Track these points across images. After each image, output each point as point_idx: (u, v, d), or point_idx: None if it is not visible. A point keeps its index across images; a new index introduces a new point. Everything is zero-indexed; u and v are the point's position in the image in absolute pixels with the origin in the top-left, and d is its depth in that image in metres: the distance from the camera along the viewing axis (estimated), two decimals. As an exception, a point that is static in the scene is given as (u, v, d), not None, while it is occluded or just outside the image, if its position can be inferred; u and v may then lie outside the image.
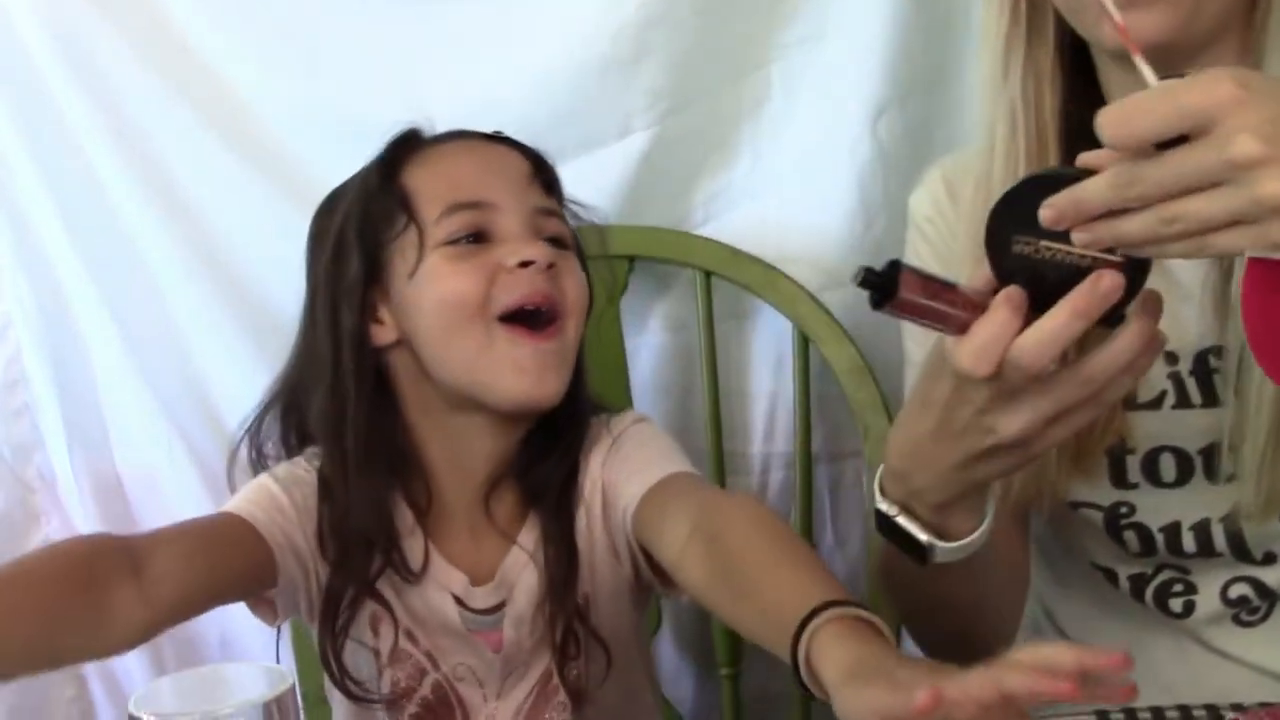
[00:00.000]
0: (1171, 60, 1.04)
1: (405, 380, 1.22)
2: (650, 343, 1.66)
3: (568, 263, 1.21)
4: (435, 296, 1.17)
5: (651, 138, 1.60)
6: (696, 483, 1.17)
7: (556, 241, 1.21)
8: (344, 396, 1.20)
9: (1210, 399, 1.14)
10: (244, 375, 1.65)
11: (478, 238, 1.18)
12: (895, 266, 0.90)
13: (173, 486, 1.72)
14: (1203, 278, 1.13)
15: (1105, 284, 0.86)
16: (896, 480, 1.03)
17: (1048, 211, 0.84)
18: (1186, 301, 1.14)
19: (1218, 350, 1.12)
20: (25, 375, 1.73)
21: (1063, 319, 0.87)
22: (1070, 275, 0.87)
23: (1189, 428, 1.15)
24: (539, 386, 1.16)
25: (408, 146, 1.24)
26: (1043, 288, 0.89)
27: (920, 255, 1.29)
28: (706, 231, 1.62)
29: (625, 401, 1.59)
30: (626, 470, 1.19)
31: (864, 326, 1.51)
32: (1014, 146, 1.15)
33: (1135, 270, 0.87)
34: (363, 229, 1.20)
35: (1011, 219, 0.89)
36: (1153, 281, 0.88)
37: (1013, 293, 0.89)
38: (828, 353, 1.53)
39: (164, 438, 1.71)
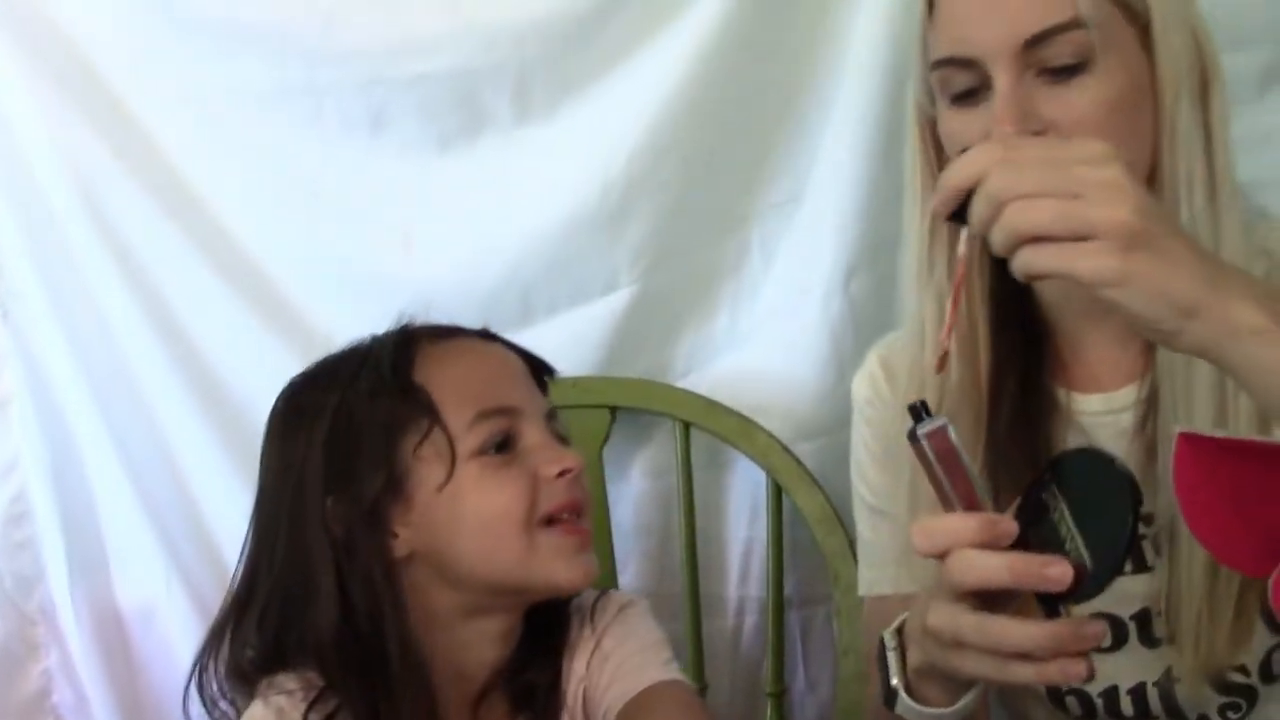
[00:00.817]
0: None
1: (416, 594, 1.18)
2: (632, 489, 1.72)
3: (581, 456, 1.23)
4: (478, 510, 1.16)
5: (635, 293, 1.66)
6: (675, 710, 1.19)
7: (561, 440, 1.23)
8: (364, 624, 1.15)
9: (1141, 565, 1.18)
10: (242, 513, 1.70)
11: (504, 444, 1.18)
12: (944, 426, 0.94)
13: (171, 620, 1.76)
14: (1125, 449, 1.17)
15: (1053, 569, 0.88)
16: (915, 615, 1.02)
17: None
18: None
19: (1146, 518, 1.15)
20: (31, 509, 1.77)
21: (998, 562, 0.90)
22: (1051, 545, 0.91)
23: (1122, 594, 1.18)
24: (587, 574, 1.20)
25: (412, 342, 1.22)
26: (1031, 538, 0.91)
27: (864, 437, 1.34)
28: (687, 382, 1.68)
29: (607, 547, 1.64)
30: (606, 674, 1.21)
31: (834, 477, 1.55)
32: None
33: (1087, 586, 0.89)
34: (379, 438, 1.17)
35: (1063, 474, 0.94)
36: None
37: (1001, 521, 0.91)
38: (799, 501, 1.58)
39: (163, 573, 1.76)
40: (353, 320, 1.58)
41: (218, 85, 1.71)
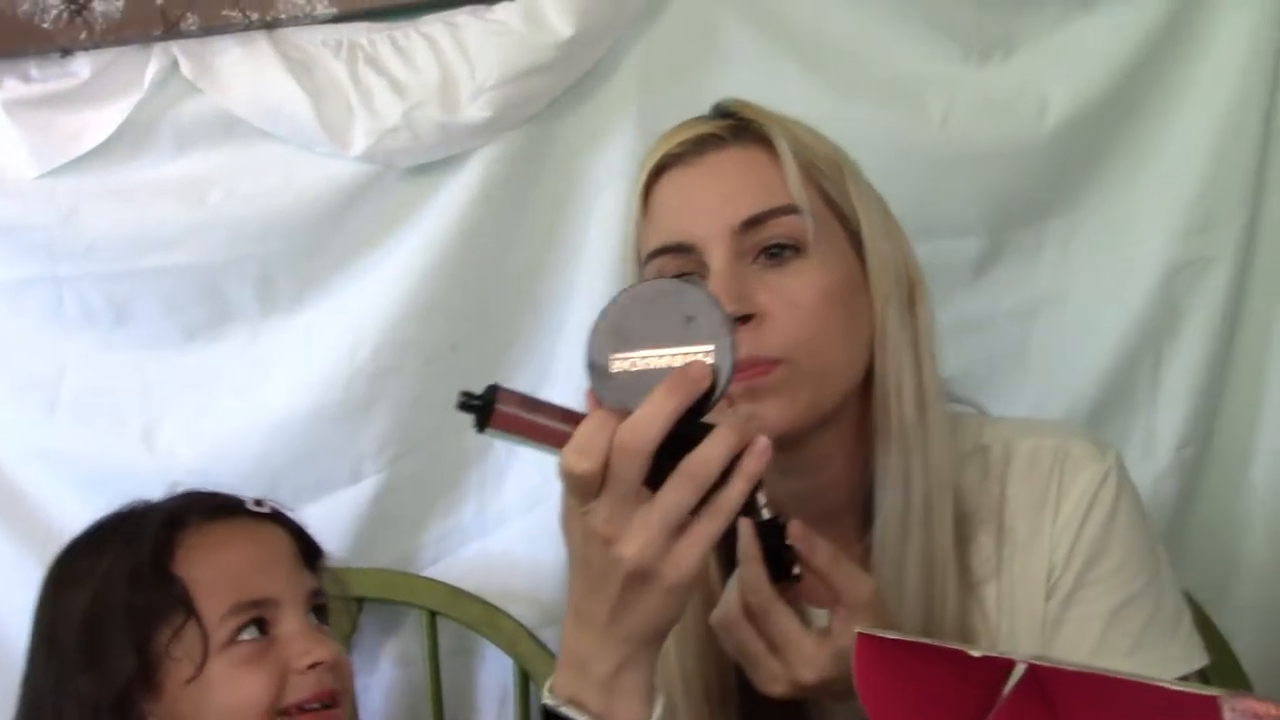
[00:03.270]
0: (799, 439, 1.14)
1: None
2: (381, 680, 1.70)
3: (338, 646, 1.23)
4: (224, 703, 1.16)
5: (381, 482, 1.67)
6: None
7: (321, 610, 1.24)
8: None
9: None
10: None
11: (260, 632, 1.18)
12: (494, 387, 0.94)
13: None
14: None
15: (694, 368, 0.90)
16: (566, 667, 0.98)
17: None
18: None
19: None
20: None
21: (658, 397, 0.89)
22: (650, 381, 0.91)
23: None
24: None
25: (178, 524, 1.22)
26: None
27: None
28: (435, 571, 1.68)
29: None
30: None
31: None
32: None
33: (723, 363, 0.91)
34: (133, 626, 1.16)
35: (608, 339, 0.94)
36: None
37: (611, 405, 0.92)
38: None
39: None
40: (93, 517, 1.56)
41: (-46, 276, 1.69)
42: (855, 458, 1.19)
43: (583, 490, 0.92)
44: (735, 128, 1.18)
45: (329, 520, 1.64)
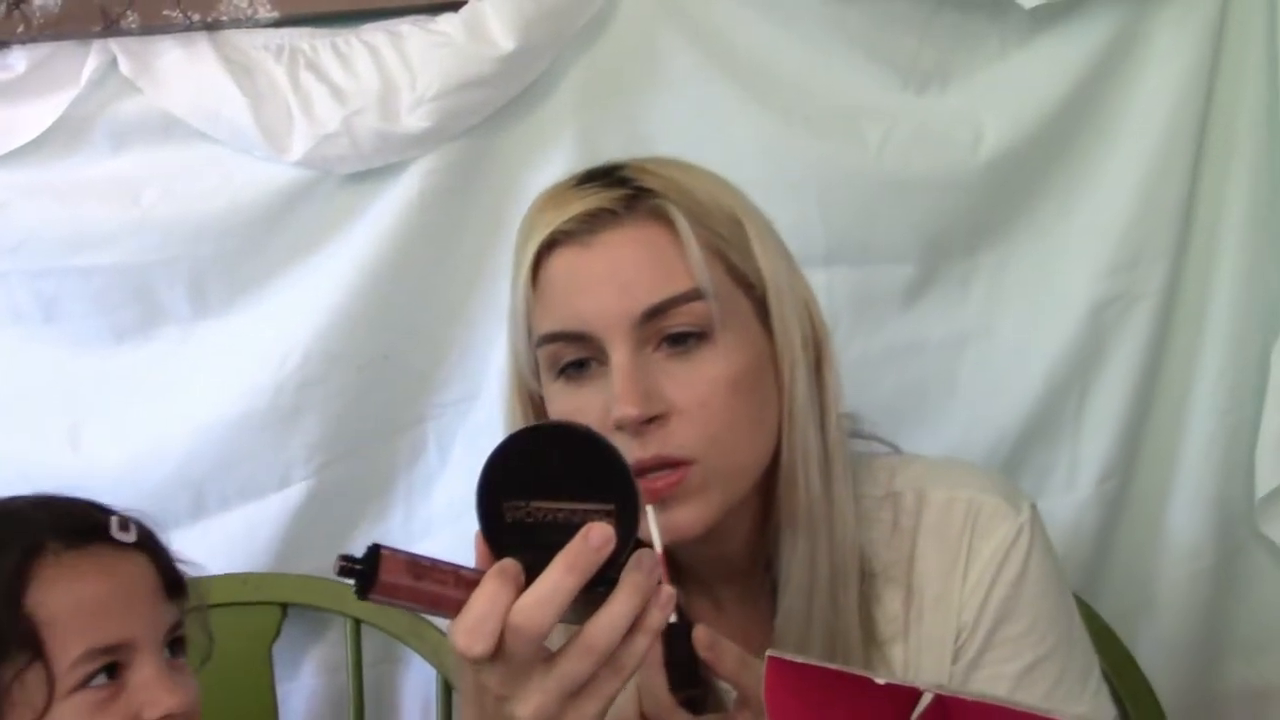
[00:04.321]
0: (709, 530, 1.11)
1: None
2: (304, 686, 1.69)
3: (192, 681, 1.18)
4: None
5: (309, 489, 1.66)
6: None
7: (178, 643, 1.18)
8: None
9: None
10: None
11: (112, 672, 1.11)
12: (375, 550, 0.85)
13: None
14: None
15: (594, 536, 0.85)
16: None
17: None
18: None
19: None
20: None
21: (555, 576, 0.84)
22: (566, 533, 0.85)
23: None
24: None
25: (36, 552, 1.12)
26: (541, 552, 0.85)
27: None
28: (361, 578, 1.67)
29: (273, 747, 1.61)
30: None
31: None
32: None
33: (626, 523, 0.86)
34: None
35: (500, 486, 0.87)
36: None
37: (505, 565, 0.86)
38: (469, 700, 1.58)
39: None
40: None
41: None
42: (760, 527, 1.17)
43: (475, 663, 0.88)
44: (629, 199, 1.11)
45: (255, 526, 1.66)
